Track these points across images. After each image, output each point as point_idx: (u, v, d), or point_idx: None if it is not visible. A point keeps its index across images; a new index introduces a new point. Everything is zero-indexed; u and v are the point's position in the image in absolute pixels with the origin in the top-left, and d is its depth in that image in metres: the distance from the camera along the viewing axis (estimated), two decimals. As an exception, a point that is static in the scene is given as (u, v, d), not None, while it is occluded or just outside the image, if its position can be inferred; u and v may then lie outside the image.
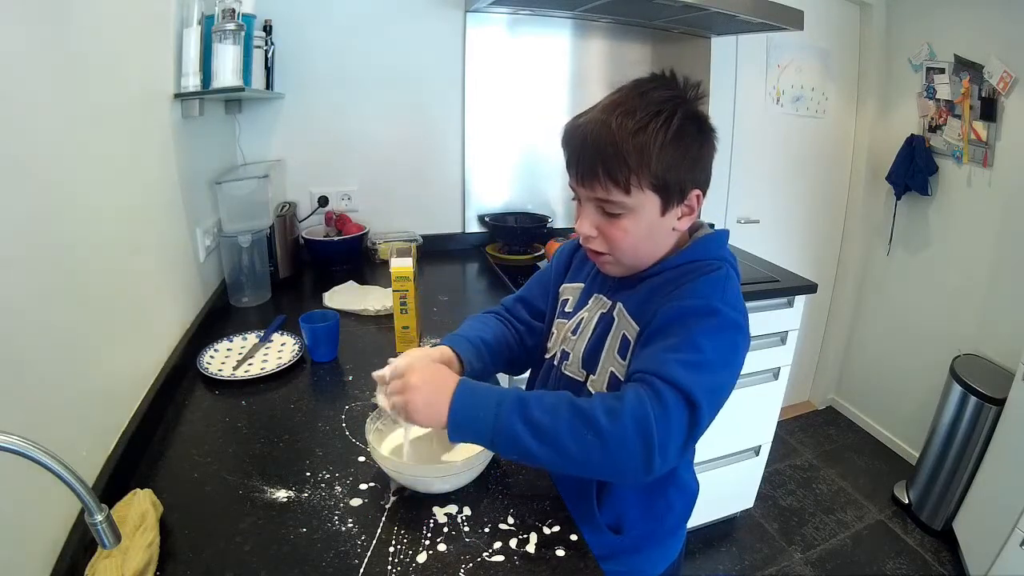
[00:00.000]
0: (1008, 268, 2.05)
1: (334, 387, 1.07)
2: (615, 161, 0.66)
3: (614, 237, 0.72)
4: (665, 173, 0.67)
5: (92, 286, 0.78)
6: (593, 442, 0.59)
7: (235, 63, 1.19)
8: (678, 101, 0.69)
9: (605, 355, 0.76)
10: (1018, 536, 1.60)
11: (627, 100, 0.68)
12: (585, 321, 0.80)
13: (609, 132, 0.66)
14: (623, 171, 0.66)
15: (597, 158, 0.68)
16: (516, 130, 1.96)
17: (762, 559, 1.95)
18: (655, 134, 0.66)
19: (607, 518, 0.79)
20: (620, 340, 0.74)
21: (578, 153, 0.71)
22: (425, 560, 0.65)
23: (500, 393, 0.65)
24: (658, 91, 0.69)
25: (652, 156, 0.66)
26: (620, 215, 0.70)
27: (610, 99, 0.70)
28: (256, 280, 1.42)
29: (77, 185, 0.76)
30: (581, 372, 0.79)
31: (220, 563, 0.64)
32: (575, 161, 0.71)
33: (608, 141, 0.66)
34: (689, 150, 0.69)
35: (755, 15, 1.65)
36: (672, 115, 0.67)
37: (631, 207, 0.69)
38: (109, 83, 0.86)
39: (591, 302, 0.81)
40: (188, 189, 1.21)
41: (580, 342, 0.80)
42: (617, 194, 0.68)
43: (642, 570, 0.85)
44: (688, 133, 0.68)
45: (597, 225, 0.72)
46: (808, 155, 2.48)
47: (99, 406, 0.78)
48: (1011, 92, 1.95)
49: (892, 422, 2.59)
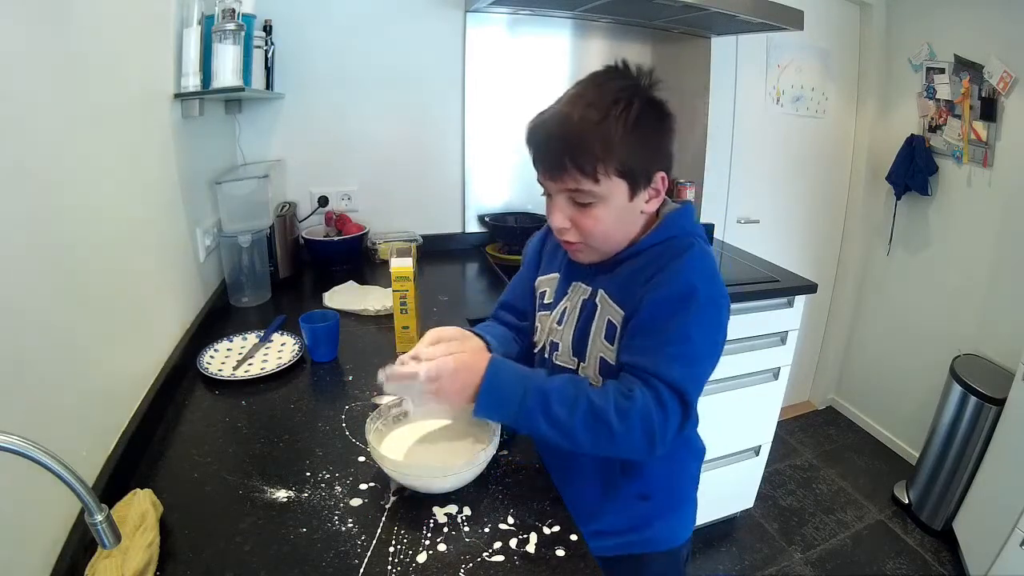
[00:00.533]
0: (1008, 268, 2.05)
1: (334, 387, 1.07)
2: (581, 151, 0.69)
3: (587, 226, 0.74)
4: (629, 159, 0.70)
5: (92, 286, 0.78)
6: (605, 438, 0.67)
7: (235, 63, 1.19)
8: (634, 89, 0.72)
9: (592, 341, 0.79)
10: (1018, 536, 1.60)
11: (586, 92, 0.71)
12: (568, 310, 0.83)
13: (572, 124, 0.69)
14: (590, 160, 0.69)
15: (563, 150, 0.70)
16: (516, 130, 1.91)
17: (762, 559, 1.95)
18: (616, 122, 0.69)
19: (634, 488, 0.83)
20: (606, 325, 0.77)
21: (544, 147, 0.73)
22: (425, 560, 0.65)
23: (525, 381, 0.70)
24: (614, 81, 0.73)
25: (615, 143, 0.69)
26: (591, 204, 0.73)
27: (569, 94, 0.73)
28: (256, 280, 1.42)
29: (77, 185, 0.76)
30: (572, 360, 0.82)
31: (220, 563, 0.64)
32: (542, 156, 0.74)
33: (572, 132, 0.69)
34: (650, 135, 0.72)
35: (755, 15, 1.65)
36: (631, 103, 0.70)
37: (601, 195, 0.72)
38: (109, 83, 0.86)
39: (570, 291, 0.84)
40: (188, 189, 1.21)
41: (567, 331, 0.82)
42: (586, 183, 0.71)
43: (671, 536, 0.90)
44: (647, 119, 0.71)
45: (570, 217, 0.75)
46: (808, 155, 2.48)
47: (99, 406, 0.78)
48: (1011, 92, 1.95)
49: (892, 422, 2.59)
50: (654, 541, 0.88)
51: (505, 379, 0.70)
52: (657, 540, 0.88)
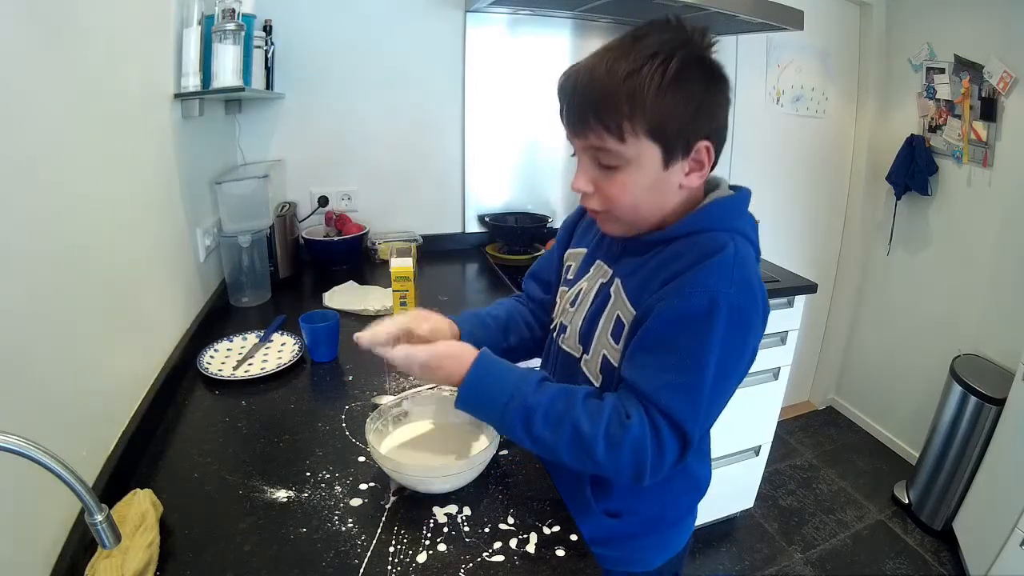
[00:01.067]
0: (1008, 268, 2.05)
1: (334, 387, 1.07)
2: (605, 105, 0.63)
3: (611, 193, 0.67)
4: (663, 119, 0.62)
5: (92, 286, 0.78)
6: (589, 464, 0.64)
7: (235, 63, 1.19)
8: (680, 43, 0.63)
9: (598, 336, 0.74)
10: (1018, 536, 1.60)
11: (621, 45, 0.65)
12: (584, 292, 0.78)
13: (599, 76, 0.63)
14: (614, 116, 0.63)
15: (587, 103, 0.64)
16: (516, 130, 1.96)
17: (762, 559, 1.95)
18: (650, 76, 0.61)
19: (603, 503, 0.79)
20: (614, 322, 0.71)
21: (569, 99, 0.67)
22: (425, 560, 0.65)
23: (512, 388, 0.66)
24: (655, 35, 0.64)
25: (647, 100, 0.61)
26: (617, 167, 0.66)
27: (603, 47, 0.67)
28: (256, 280, 1.42)
29: (77, 185, 0.76)
30: (577, 347, 0.78)
31: (220, 563, 0.64)
32: (566, 109, 0.68)
33: (598, 84, 0.63)
34: (691, 95, 0.63)
35: (755, 15, 1.65)
36: (670, 57, 0.61)
37: (628, 158, 0.64)
38: (109, 83, 0.86)
39: (592, 270, 0.78)
40: (188, 189, 1.21)
41: (577, 316, 0.77)
42: (611, 142, 0.64)
43: (640, 558, 0.83)
44: (689, 77, 0.62)
45: (594, 180, 0.68)
46: (808, 155, 2.48)
47: (99, 406, 0.78)
48: (1011, 92, 1.95)
49: (892, 422, 2.59)
50: (610, 560, 0.79)
51: (489, 380, 0.67)
52: (614, 560, 0.81)
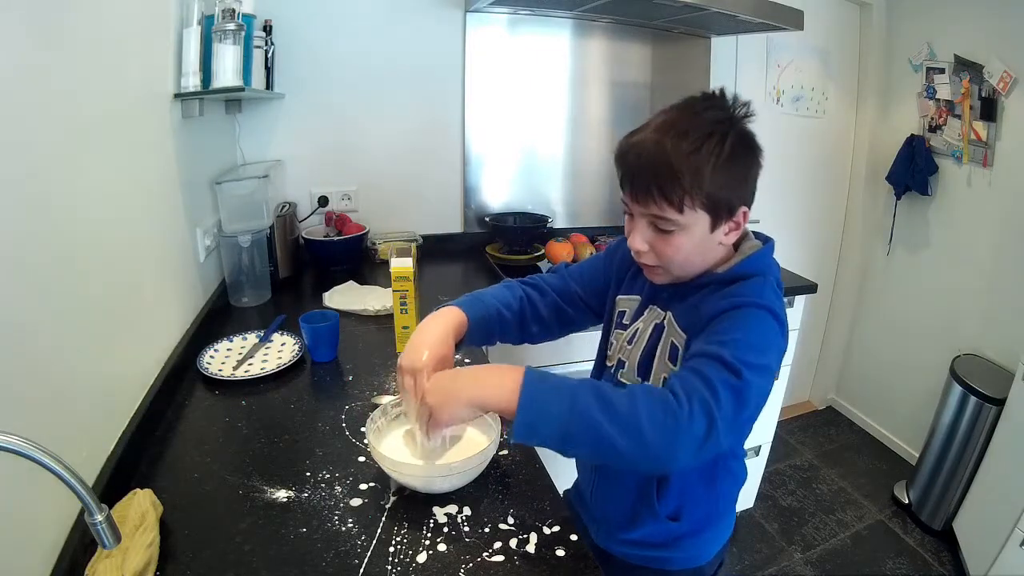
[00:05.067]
0: (1008, 268, 2.05)
1: (334, 387, 1.07)
2: (669, 181, 0.68)
3: (666, 253, 0.74)
4: (717, 193, 0.70)
5: (92, 286, 0.78)
6: (671, 427, 0.59)
7: (235, 63, 1.19)
8: (730, 123, 0.71)
9: (657, 362, 0.80)
10: (1018, 536, 1.60)
11: (681, 120, 0.70)
12: (640, 331, 0.83)
13: (664, 152, 0.68)
14: (677, 191, 0.69)
15: (652, 177, 0.70)
16: (516, 130, 1.96)
17: (762, 559, 1.95)
18: (709, 156, 0.68)
19: (667, 509, 0.83)
20: (669, 347, 0.78)
21: (633, 171, 0.72)
22: (425, 560, 0.66)
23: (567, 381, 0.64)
24: (710, 111, 0.71)
25: (705, 177, 0.68)
26: (672, 232, 0.72)
27: (663, 118, 0.72)
28: (256, 280, 1.42)
29: (76, 185, 0.76)
30: (636, 379, 0.83)
31: (220, 563, 0.64)
32: (630, 179, 0.73)
33: (663, 161, 0.68)
34: (740, 170, 0.72)
35: (755, 15, 1.65)
36: (725, 136, 0.69)
37: (683, 225, 0.71)
38: (109, 83, 0.86)
39: (647, 313, 0.84)
40: (188, 189, 1.21)
41: (635, 351, 0.83)
42: (670, 212, 0.70)
43: (697, 555, 0.89)
44: (740, 154, 0.71)
45: (649, 241, 0.75)
46: (808, 155, 2.47)
47: (99, 406, 0.78)
48: (1011, 92, 1.95)
49: (892, 422, 2.59)
50: (678, 560, 0.87)
51: (550, 378, 0.64)
52: (682, 559, 0.87)
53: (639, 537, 0.85)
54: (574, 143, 2.03)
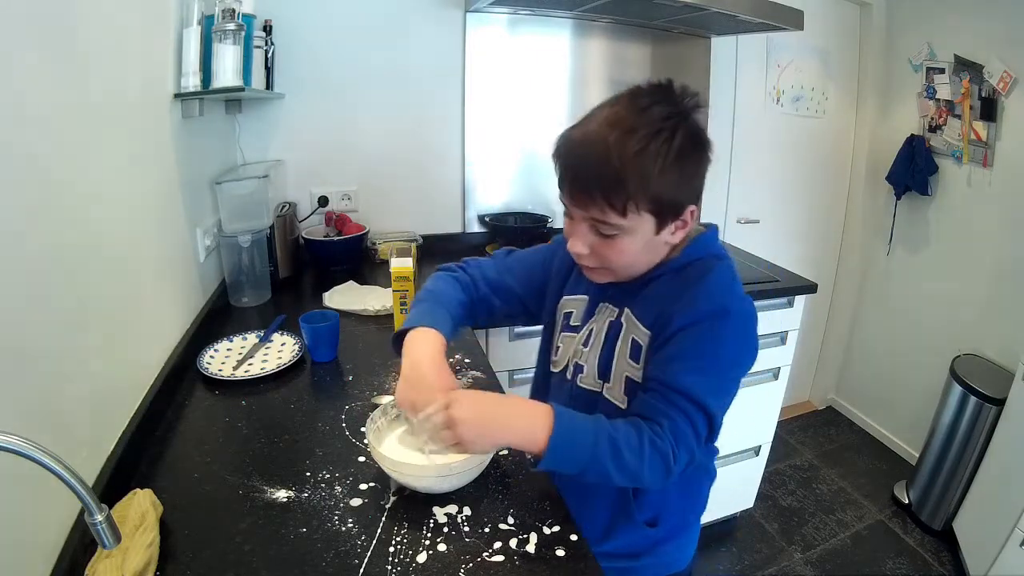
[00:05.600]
0: (1008, 268, 2.05)
1: (334, 387, 1.07)
2: (613, 184, 0.65)
3: (608, 257, 0.71)
4: (663, 194, 0.66)
5: (92, 286, 0.78)
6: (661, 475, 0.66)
7: (235, 63, 1.19)
8: (679, 118, 0.66)
9: (617, 361, 0.77)
10: (1018, 536, 1.60)
11: (626, 116, 0.65)
12: (595, 332, 0.80)
13: (607, 153, 0.64)
14: (620, 195, 0.65)
15: (594, 180, 0.66)
16: (516, 130, 1.96)
17: (762, 559, 1.95)
18: (655, 157, 0.64)
19: (645, 515, 0.82)
20: (631, 345, 0.75)
21: (573, 171, 0.68)
22: (425, 560, 0.66)
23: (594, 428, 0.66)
24: (658, 107, 0.66)
25: (652, 179, 0.64)
26: (615, 236, 0.69)
27: (606, 112, 0.67)
28: (256, 280, 1.42)
29: (77, 185, 0.76)
30: (597, 383, 0.80)
31: (220, 563, 0.64)
32: (569, 178, 0.69)
33: (606, 163, 0.64)
34: (688, 169, 0.68)
35: (755, 15, 1.65)
36: (673, 134, 0.65)
37: (626, 228, 0.68)
38: (109, 83, 0.86)
39: (598, 312, 0.81)
40: (188, 189, 1.21)
41: (592, 354, 0.80)
42: (613, 216, 0.67)
43: (676, 559, 0.89)
44: (688, 152, 0.66)
45: (591, 244, 0.71)
46: (808, 155, 2.48)
47: (99, 406, 0.78)
48: (1011, 92, 1.95)
49: (892, 422, 2.59)
50: (657, 566, 0.87)
51: (576, 428, 0.66)
52: (660, 565, 0.87)
53: (614, 548, 0.83)
54: (574, 143, 2.03)
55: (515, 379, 1.57)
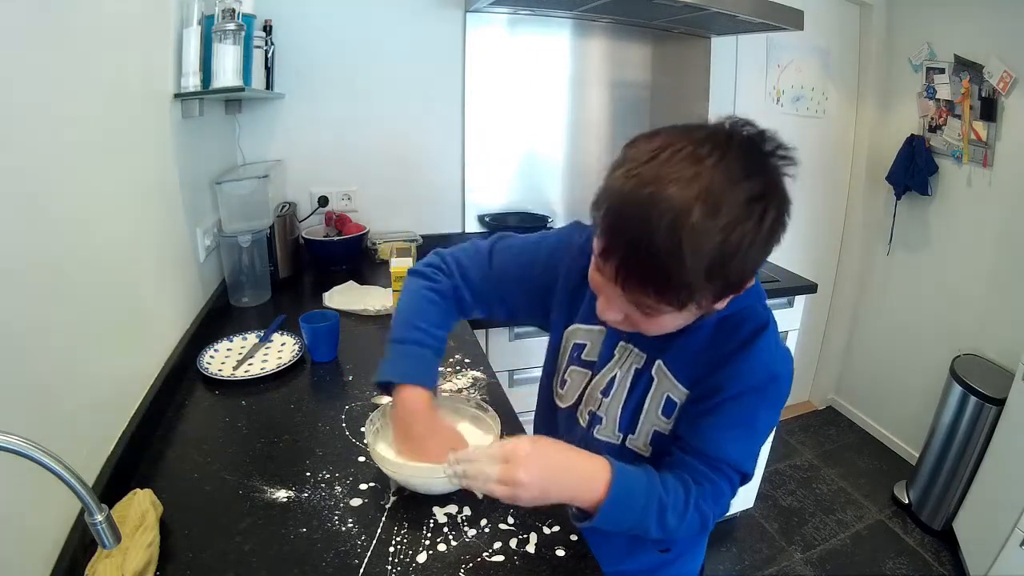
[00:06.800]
0: (1008, 268, 2.05)
1: (334, 387, 1.07)
2: (679, 283, 0.51)
3: (645, 328, 0.61)
4: (730, 281, 0.54)
5: (92, 286, 0.78)
6: (697, 531, 0.66)
7: (235, 63, 1.18)
8: (772, 192, 0.53)
9: (645, 416, 0.71)
10: (1018, 536, 1.60)
11: (708, 188, 0.49)
12: (618, 380, 0.72)
13: (678, 243, 0.48)
14: (682, 294, 0.52)
15: (654, 273, 0.51)
16: (516, 130, 1.96)
17: (762, 559, 1.95)
18: (738, 245, 0.50)
19: (659, 545, 0.81)
20: (663, 401, 0.70)
21: (626, 251, 0.51)
22: (425, 560, 0.66)
23: (647, 492, 0.63)
24: (752, 181, 0.51)
25: (726, 268, 0.51)
26: (659, 314, 0.56)
27: (680, 172, 0.49)
28: (256, 280, 1.42)
29: (77, 185, 0.76)
30: (617, 435, 0.74)
31: (220, 563, 0.64)
32: (619, 260, 0.52)
33: (676, 257, 0.49)
34: (765, 253, 0.54)
35: (755, 15, 1.65)
36: (763, 217, 0.51)
37: (675, 310, 0.56)
38: (109, 83, 0.86)
39: (618, 353, 0.72)
40: (188, 189, 1.21)
41: (614, 405, 0.73)
42: (665, 307, 0.54)
43: (685, 573, 0.89)
44: (772, 236, 0.53)
45: (628, 315, 0.60)
46: (808, 155, 2.42)
47: (99, 406, 0.78)
48: (1011, 92, 1.95)
49: (892, 422, 2.59)
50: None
51: (631, 491, 0.62)
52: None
53: (627, 569, 0.82)
54: (574, 143, 2.03)
55: (515, 379, 1.57)
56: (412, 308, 0.79)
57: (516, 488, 0.57)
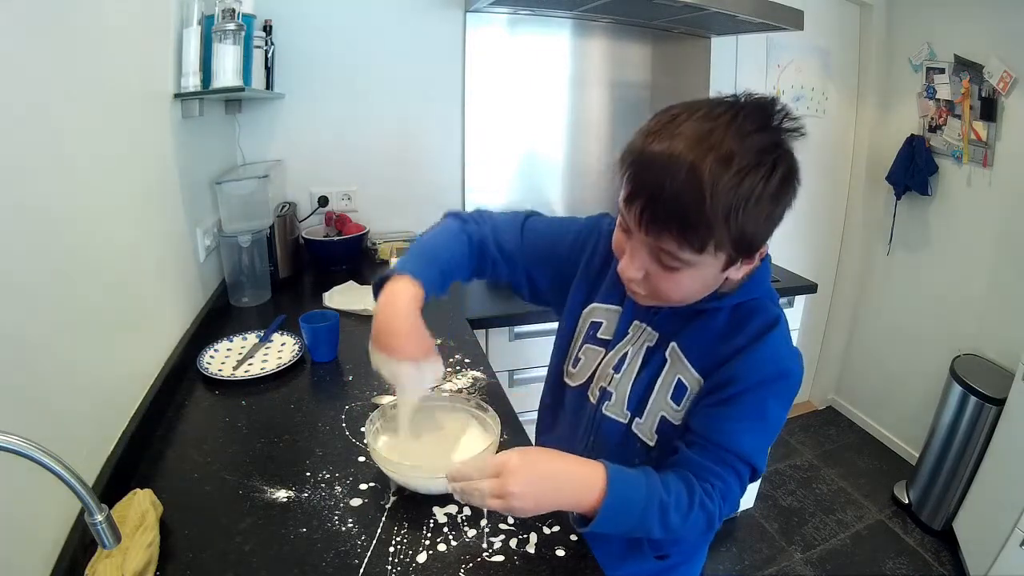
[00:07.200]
0: (1008, 268, 2.05)
1: (334, 387, 1.07)
2: (697, 222, 0.55)
3: (663, 289, 0.63)
4: (746, 236, 0.58)
5: (92, 286, 0.78)
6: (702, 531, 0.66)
7: (235, 63, 1.19)
8: (781, 149, 0.59)
9: (655, 399, 0.72)
10: (1018, 536, 1.60)
11: (724, 140, 0.55)
12: (630, 356, 0.74)
13: (698, 184, 0.54)
14: (702, 234, 0.56)
15: (677, 213, 0.56)
16: (516, 130, 1.96)
17: (762, 559, 1.95)
18: (750, 193, 0.55)
19: (657, 550, 0.81)
20: (675, 385, 0.70)
21: (650, 196, 0.57)
22: (425, 560, 0.66)
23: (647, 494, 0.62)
24: (760, 135, 0.57)
25: (740, 220, 0.56)
26: (678, 269, 0.61)
27: (698, 126, 0.56)
28: (256, 280, 1.42)
29: (77, 185, 0.76)
30: (625, 414, 0.74)
31: (220, 563, 0.64)
32: (643, 203, 0.58)
33: (695, 196, 0.54)
34: (779, 211, 0.61)
35: (755, 15, 1.65)
36: (773, 169, 0.57)
37: (694, 263, 0.60)
38: (109, 83, 0.86)
39: (631, 331, 0.74)
40: (188, 189, 1.21)
41: (625, 381, 0.74)
42: (686, 252, 0.58)
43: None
44: (784, 192, 0.59)
45: (647, 270, 0.63)
46: (808, 155, 2.44)
47: (100, 406, 0.78)
48: (1011, 92, 1.95)
49: (892, 422, 2.59)
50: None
51: (629, 495, 0.62)
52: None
53: (623, 574, 0.81)
54: (574, 143, 2.03)
55: (515, 379, 1.57)
56: (438, 239, 0.82)
57: (509, 500, 0.58)
